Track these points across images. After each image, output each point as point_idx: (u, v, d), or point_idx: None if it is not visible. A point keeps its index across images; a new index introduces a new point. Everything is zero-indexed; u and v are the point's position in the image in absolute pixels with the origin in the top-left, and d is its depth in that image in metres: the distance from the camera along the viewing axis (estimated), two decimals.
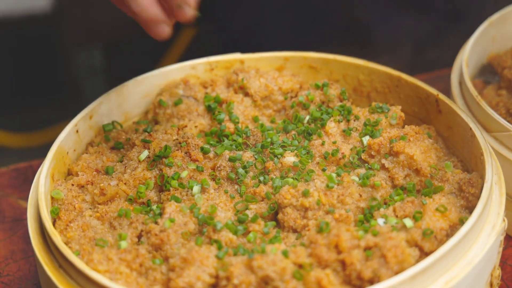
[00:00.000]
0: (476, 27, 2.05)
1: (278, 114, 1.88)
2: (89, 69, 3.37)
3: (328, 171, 1.68)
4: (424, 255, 1.48)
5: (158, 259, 1.50)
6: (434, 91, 1.80)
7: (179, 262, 1.47)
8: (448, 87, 1.97)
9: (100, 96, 1.82)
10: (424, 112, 1.84)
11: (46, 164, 1.64)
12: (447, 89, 1.97)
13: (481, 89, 2.02)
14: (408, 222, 1.52)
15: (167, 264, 1.49)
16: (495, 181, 1.60)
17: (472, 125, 1.68)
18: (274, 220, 1.63)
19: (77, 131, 1.75)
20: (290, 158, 1.68)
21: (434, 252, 1.42)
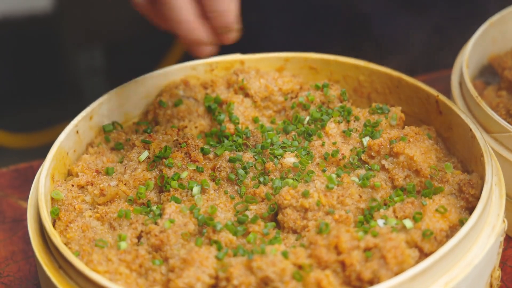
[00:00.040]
0: (476, 28, 2.05)
1: (278, 114, 1.88)
2: (89, 69, 3.37)
3: (328, 172, 1.68)
4: (424, 256, 1.48)
5: (157, 259, 1.50)
6: (434, 92, 1.79)
7: (179, 263, 1.47)
8: (448, 88, 1.97)
9: (100, 97, 1.82)
10: (424, 113, 1.84)
11: (46, 165, 1.64)
12: (447, 90, 1.97)
13: (481, 90, 2.02)
14: (408, 223, 1.52)
15: (167, 264, 1.49)
16: (495, 182, 1.60)
17: (472, 126, 1.68)
18: (274, 221, 1.63)
19: (77, 132, 1.75)
20: (290, 159, 1.68)
21: (434, 253, 1.41)
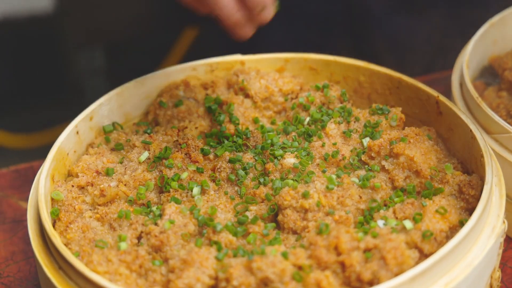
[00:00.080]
0: (477, 29, 2.05)
1: (278, 115, 1.88)
2: (90, 70, 3.36)
3: (328, 172, 1.67)
4: (424, 257, 1.48)
5: (157, 260, 1.50)
6: (435, 93, 1.79)
7: (179, 264, 1.47)
8: (448, 88, 1.97)
9: (101, 97, 1.82)
10: (424, 114, 1.84)
11: (46, 165, 1.64)
12: (448, 90, 1.97)
13: (481, 90, 2.02)
14: (408, 224, 1.51)
15: (167, 265, 1.49)
16: (495, 183, 1.60)
17: (472, 126, 1.68)
18: (274, 222, 1.63)
19: (77, 132, 1.75)
20: (290, 160, 1.68)
21: (434, 254, 1.41)
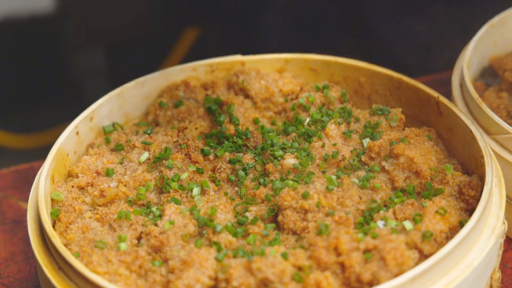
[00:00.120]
0: (477, 30, 2.05)
1: (278, 116, 1.88)
2: (91, 70, 3.36)
3: (328, 173, 1.67)
4: (424, 258, 1.48)
5: (157, 261, 1.50)
6: (435, 93, 1.79)
7: (179, 264, 1.47)
8: (449, 89, 1.97)
9: (101, 98, 1.82)
10: (424, 114, 1.84)
11: (46, 166, 1.64)
12: (448, 91, 1.97)
13: (482, 91, 2.02)
14: (408, 225, 1.51)
15: (167, 266, 1.49)
16: (495, 183, 1.60)
17: (473, 127, 1.68)
18: (274, 222, 1.63)
19: (77, 133, 1.75)
20: (290, 160, 1.68)
21: (434, 254, 1.41)
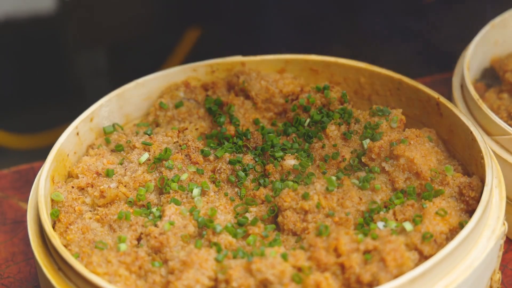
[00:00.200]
0: (478, 30, 2.04)
1: (278, 116, 1.88)
2: (92, 71, 3.36)
3: (328, 174, 1.67)
4: (424, 259, 1.48)
5: (157, 261, 1.50)
6: (435, 94, 1.79)
7: (179, 265, 1.47)
8: (449, 90, 1.96)
9: (101, 99, 1.82)
10: (425, 115, 1.84)
11: (46, 167, 1.64)
12: (449, 92, 1.97)
13: (482, 92, 2.02)
14: (408, 226, 1.51)
15: (166, 266, 1.49)
16: (495, 184, 1.60)
17: (473, 128, 1.68)
18: (274, 223, 1.63)
19: (77, 134, 1.75)
20: (290, 161, 1.68)
21: (434, 255, 1.41)
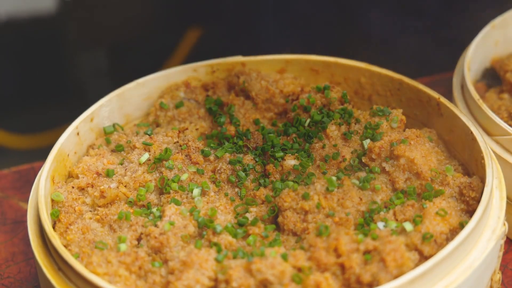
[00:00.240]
0: (479, 30, 2.04)
1: (279, 117, 1.88)
2: (93, 71, 3.37)
3: (329, 174, 1.67)
4: (424, 259, 1.47)
5: (157, 262, 1.50)
6: (436, 95, 1.79)
7: (179, 265, 1.47)
8: (450, 90, 1.96)
9: (101, 99, 1.82)
10: (425, 116, 1.84)
11: (46, 167, 1.64)
12: (449, 92, 1.97)
13: (483, 92, 2.01)
14: (408, 226, 1.51)
15: (167, 267, 1.49)
16: (496, 185, 1.60)
17: (473, 128, 1.68)
18: (274, 223, 1.62)
19: (77, 134, 1.75)
20: (291, 161, 1.68)
21: (434, 256, 1.41)
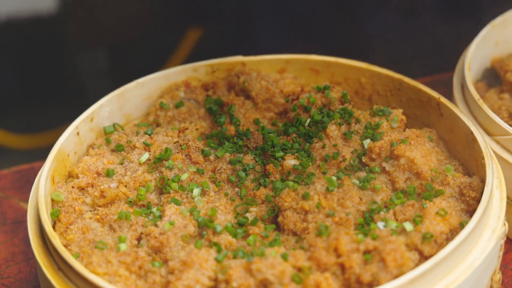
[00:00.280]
0: (479, 30, 2.04)
1: (279, 116, 1.87)
2: (93, 71, 3.37)
3: (329, 174, 1.67)
4: (424, 259, 1.47)
5: (157, 261, 1.50)
6: (436, 94, 1.79)
7: (179, 265, 1.47)
8: (450, 90, 1.96)
9: (101, 99, 1.82)
10: (425, 115, 1.84)
11: (47, 167, 1.64)
12: (449, 92, 1.96)
13: (483, 92, 2.01)
14: (408, 226, 1.51)
15: (167, 267, 1.49)
16: (496, 185, 1.60)
17: (473, 128, 1.67)
18: (274, 223, 1.62)
19: (77, 133, 1.75)
20: (291, 161, 1.68)
21: (434, 256, 1.41)
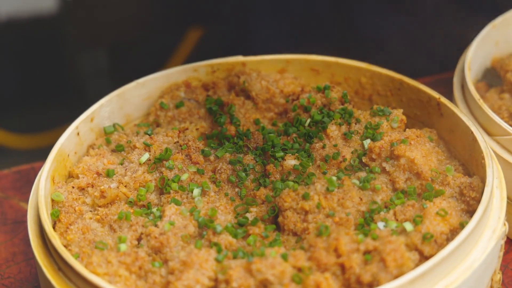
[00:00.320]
0: (479, 30, 2.04)
1: (279, 116, 1.87)
2: (93, 71, 3.37)
3: (329, 174, 1.67)
4: (424, 259, 1.47)
5: (157, 262, 1.50)
6: (436, 94, 1.79)
7: (179, 265, 1.47)
8: (450, 90, 1.96)
9: (101, 99, 1.82)
10: (425, 115, 1.83)
11: (47, 167, 1.64)
12: (449, 92, 1.96)
13: (483, 92, 2.01)
14: (408, 226, 1.51)
15: (167, 267, 1.49)
16: (496, 185, 1.60)
17: (473, 128, 1.67)
18: (274, 223, 1.62)
19: (78, 134, 1.75)
20: (291, 161, 1.68)
21: (434, 256, 1.41)
